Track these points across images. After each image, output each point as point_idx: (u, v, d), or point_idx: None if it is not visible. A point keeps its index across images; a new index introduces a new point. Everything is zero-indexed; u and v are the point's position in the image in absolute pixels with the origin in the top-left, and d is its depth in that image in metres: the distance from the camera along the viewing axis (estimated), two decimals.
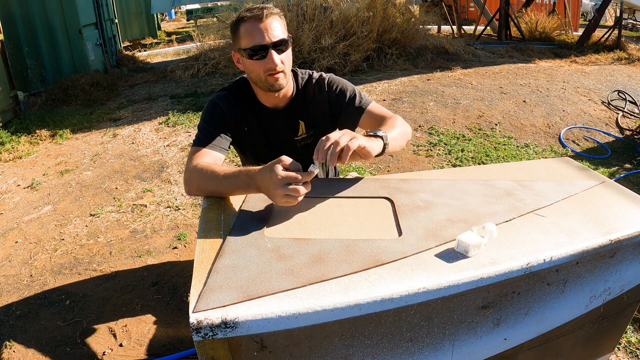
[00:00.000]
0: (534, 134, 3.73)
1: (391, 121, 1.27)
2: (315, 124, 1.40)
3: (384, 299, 0.73)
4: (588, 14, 12.92)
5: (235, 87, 1.37)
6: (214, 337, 0.67)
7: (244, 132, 1.37)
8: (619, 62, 6.17)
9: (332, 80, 1.39)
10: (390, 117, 1.31)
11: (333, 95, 1.37)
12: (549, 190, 1.08)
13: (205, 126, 1.30)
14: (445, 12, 8.55)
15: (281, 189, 0.91)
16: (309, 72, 1.42)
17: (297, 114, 1.38)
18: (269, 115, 1.36)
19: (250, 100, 1.35)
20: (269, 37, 1.18)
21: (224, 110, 1.32)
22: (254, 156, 1.43)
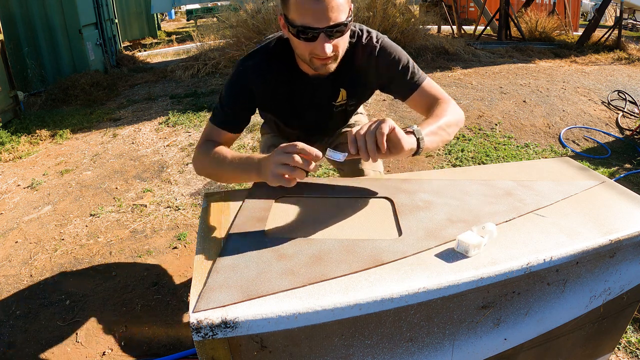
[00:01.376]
0: (534, 134, 3.73)
1: (441, 108, 1.13)
2: (359, 93, 1.29)
3: (384, 299, 0.73)
4: (588, 14, 12.92)
5: (273, 48, 1.18)
6: (214, 337, 0.67)
7: (271, 100, 1.22)
8: (619, 62, 6.17)
9: (384, 46, 1.20)
10: (442, 102, 1.16)
11: (383, 64, 1.19)
12: (549, 190, 1.08)
13: (225, 100, 1.17)
14: (445, 12, 8.55)
15: (275, 166, 0.90)
16: (358, 32, 1.20)
17: (340, 82, 1.23)
18: (308, 83, 1.20)
19: (287, 65, 1.18)
20: (323, 20, 0.98)
21: (249, 82, 1.16)
22: (280, 118, 1.35)
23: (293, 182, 0.92)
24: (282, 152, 0.91)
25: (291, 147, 0.91)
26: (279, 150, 0.92)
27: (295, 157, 0.89)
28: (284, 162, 0.90)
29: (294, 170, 0.90)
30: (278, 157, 0.91)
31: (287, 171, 0.90)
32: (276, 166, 0.91)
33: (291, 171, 0.90)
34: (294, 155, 0.89)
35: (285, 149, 0.91)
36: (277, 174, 0.91)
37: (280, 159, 0.91)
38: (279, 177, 0.91)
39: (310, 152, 0.90)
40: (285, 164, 0.90)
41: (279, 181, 0.92)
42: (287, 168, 0.90)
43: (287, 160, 0.90)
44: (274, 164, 0.91)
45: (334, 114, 1.32)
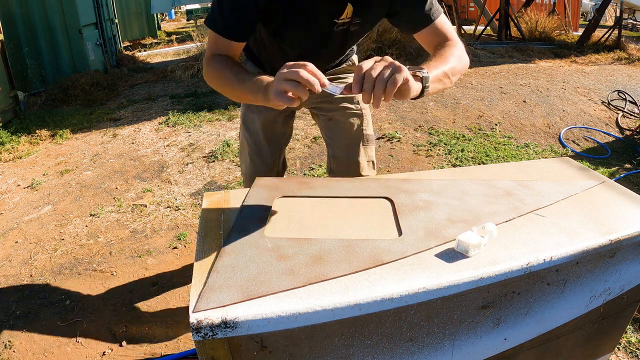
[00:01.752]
0: (534, 134, 3.73)
1: (451, 51, 1.08)
2: (366, 13, 1.18)
3: (384, 299, 0.73)
4: (588, 14, 12.92)
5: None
6: (214, 337, 0.67)
7: (272, 7, 1.13)
8: (619, 62, 6.17)
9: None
10: (452, 44, 1.12)
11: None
12: (549, 190, 1.08)
13: (225, 2, 1.06)
14: (445, 12, 8.54)
15: (278, 82, 0.85)
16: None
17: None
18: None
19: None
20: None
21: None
22: (276, 34, 1.24)
23: (296, 102, 0.86)
24: (288, 68, 0.85)
25: (298, 64, 0.85)
26: (285, 68, 0.86)
27: (301, 72, 0.83)
28: (289, 78, 0.84)
29: (298, 87, 0.83)
30: (283, 73, 0.85)
31: (290, 87, 0.84)
32: (280, 82, 0.85)
33: (295, 87, 0.83)
34: (300, 70, 0.83)
35: (292, 66, 0.85)
36: (280, 90, 0.85)
37: (285, 74, 0.85)
38: (281, 94, 0.85)
39: (317, 72, 0.85)
40: (290, 80, 0.84)
41: (281, 99, 0.86)
42: (292, 84, 0.84)
43: (292, 75, 0.83)
44: (277, 81, 0.86)
45: (333, 34, 1.21)
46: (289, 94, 0.85)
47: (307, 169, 3.17)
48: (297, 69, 0.83)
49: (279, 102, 0.87)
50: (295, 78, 0.83)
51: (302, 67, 0.84)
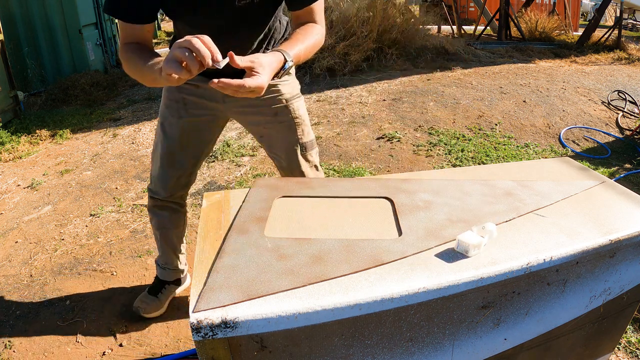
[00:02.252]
0: (534, 134, 3.73)
1: (317, 30, 1.18)
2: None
3: (384, 299, 0.73)
4: (588, 14, 12.93)
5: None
6: (214, 337, 0.67)
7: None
8: (619, 62, 6.17)
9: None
10: (317, 24, 1.21)
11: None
12: (549, 190, 1.08)
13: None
14: (445, 12, 8.55)
15: (165, 62, 0.86)
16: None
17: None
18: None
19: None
20: None
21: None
22: (176, 14, 1.21)
23: (185, 73, 0.86)
24: (176, 47, 0.86)
25: (196, 36, 0.85)
26: (174, 46, 0.87)
27: (193, 41, 0.84)
28: (182, 46, 0.85)
29: (189, 56, 0.84)
30: (178, 42, 0.86)
31: (181, 54, 0.84)
32: (173, 50, 0.86)
33: (184, 55, 0.84)
34: (193, 39, 0.84)
35: (180, 43, 0.86)
36: (171, 57, 0.86)
37: (179, 43, 0.85)
38: (171, 62, 0.86)
39: (211, 45, 0.85)
40: (182, 47, 0.85)
41: (170, 66, 0.86)
42: (183, 51, 0.85)
43: (185, 43, 0.84)
44: (171, 49, 0.86)
45: (235, 11, 1.17)
46: (174, 75, 0.85)
47: None
48: (192, 38, 0.84)
49: (168, 70, 0.85)
50: (187, 46, 0.84)
51: (198, 38, 0.84)
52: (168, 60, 0.86)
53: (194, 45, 0.83)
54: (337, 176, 3.03)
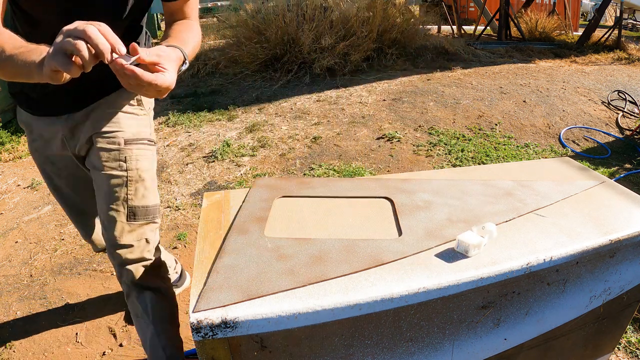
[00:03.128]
0: (534, 134, 3.73)
1: (193, 27, 1.05)
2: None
3: (384, 299, 0.73)
4: (588, 14, 12.92)
5: None
6: (214, 336, 0.67)
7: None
8: (619, 62, 6.17)
9: None
10: (194, 22, 1.08)
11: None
12: (549, 190, 1.08)
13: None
14: (445, 12, 8.55)
15: (49, 56, 0.68)
16: None
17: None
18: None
19: None
20: None
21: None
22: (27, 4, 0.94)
23: (76, 69, 0.69)
24: (65, 36, 0.67)
25: (77, 30, 0.67)
26: (72, 25, 0.68)
27: (89, 29, 0.66)
28: (74, 34, 0.67)
29: (82, 47, 0.66)
30: (68, 30, 0.68)
31: (72, 46, 0.66)
32: (62, 39, 0.67)
33: (77, 46, 0.66)
34: (89, 27, 0.67)
35: (70, 32, 0.67)
36: (59, 48, 0.67)
37: (70, 31, 0.67)
38: (58, 54, 0.67)
39: (111, 34, 0.69)
40: (75, 37, 0.67)
41: (57, 60, 0.67)
42: (74, 43, 0.66)
43: (78, 32, 0.67)
44: (59, 38, 0.68)
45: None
46: (71, 57, 0.67)
47: (307, 169, 3.17)
48: (86, 25, 0.67)
49: (54, 64, 0.67)
50: (80, 35, 0.66)
51: (94, 26, 0.68)
52: (55, 53, 0.67)
53: (90, 34, 0.66)
54: (337, 176, 3.03)
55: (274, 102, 4.43)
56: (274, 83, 4.95)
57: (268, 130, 3.75)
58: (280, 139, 3.58)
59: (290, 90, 4.76)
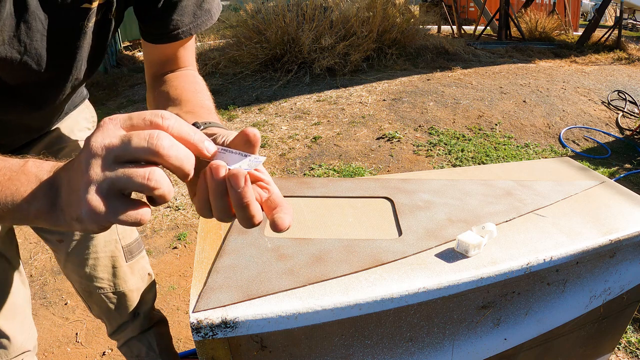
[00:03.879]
0: (534, 134, 3.73)
1: (196, 79, 0.75)
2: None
3: (384, 299, 0.73)
4: (588, 14, 12.92)
5: None
6: (214, 336, 0.67)
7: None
8: (619, 62, 6.17)
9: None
10: (195, 71, 0.79)
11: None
12: (549, 190, 1.08)
13: None
14: (445, 12, 8.55)
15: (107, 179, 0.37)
16: None
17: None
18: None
19: None
20: None
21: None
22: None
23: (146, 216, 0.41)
24: (110, 155, 0.37)
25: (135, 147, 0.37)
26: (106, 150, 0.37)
27: (160, 143, 0.37)
28: (117, 187, 0.38)
29: (159, 181, 0.39)
30: (100, 180, 0.37)
31: (121, 216, 0.39)
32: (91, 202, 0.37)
33: (155, 182, 0.39)
34: (150, 173, 0.38)
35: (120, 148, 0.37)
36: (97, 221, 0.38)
37: (105, 184, 0.37)
38: (119, 207, 0.39)
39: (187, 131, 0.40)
40: (117, 192, 0.39)
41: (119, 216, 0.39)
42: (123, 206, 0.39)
43: (130, 185, 0.38)
44: (88, 194, 0.37)
45: (85, 28, 0.64)
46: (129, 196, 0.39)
47: (307, 169, 3.16)
48: (155, 136, 0.37)
49: (103, 220, 0.38)
50: (150, 155, 0.37)
51: (165, 128, 0.39)
52: (102, 195, 0.37)
53: (166, 151, 0.38)
54: (337, 176, 3.03)
55: (274, 102, 4.43)
56: (274, 83, 4.95)
57: (268, 130, 3.75)
58: (280, 139, 3.58)
59: (290, 90, 4.76)
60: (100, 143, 0.37)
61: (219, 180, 0.41)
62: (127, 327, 1.12)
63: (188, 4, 0.70)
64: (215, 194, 0.42)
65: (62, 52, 0.64)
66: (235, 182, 0.41)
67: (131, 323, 1.12)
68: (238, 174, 0.41)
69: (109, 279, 1.02)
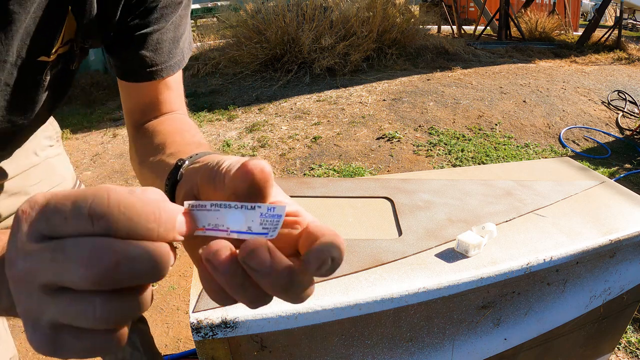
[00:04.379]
0: (534, 134, 3.73)
1: (189, 124, 0.62)
2: (93, 24, 0.55)
3: (384, 299, 0.73)
4: (588, 14, 12.92)
5: None
6: (214, 336, 0.67)
7: None
8: (619, 62, 6.17)
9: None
10: (185, 115, 0.67)
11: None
12: (549, 190, 1.08)
13: None
14: (445, 12, 8.55)
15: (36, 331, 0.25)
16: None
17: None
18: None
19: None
20: None
21: None
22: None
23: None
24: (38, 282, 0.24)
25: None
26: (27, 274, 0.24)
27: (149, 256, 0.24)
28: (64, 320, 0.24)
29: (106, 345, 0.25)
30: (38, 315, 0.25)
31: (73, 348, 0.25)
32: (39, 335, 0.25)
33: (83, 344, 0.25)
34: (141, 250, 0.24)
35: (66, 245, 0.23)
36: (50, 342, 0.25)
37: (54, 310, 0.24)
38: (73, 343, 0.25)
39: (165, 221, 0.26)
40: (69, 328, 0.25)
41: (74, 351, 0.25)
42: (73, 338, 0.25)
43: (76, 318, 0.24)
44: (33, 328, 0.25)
45: (42, 82, 0.56)
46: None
47: (307, 169, 3.16)
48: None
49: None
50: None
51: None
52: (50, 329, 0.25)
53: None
54: (337, 176, 3.03)
55: (274, 102, 4.43)
56: (274, 83, 4.95)
57: (268, 130, 3.75)
58: (280, 139, 3.58)
59: (290, 90, 4.76)
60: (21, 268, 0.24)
61: (227, 268, 0.26)
62: None
63: (165, 39, 0.61)
64: (232, 286, 0.27)
65: (19, 106, 0.56)
66: (257, 263, 0.26)
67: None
68: (255, 251, 0.26)
69: None
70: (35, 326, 0.25)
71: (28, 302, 0.24)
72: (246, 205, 0.27)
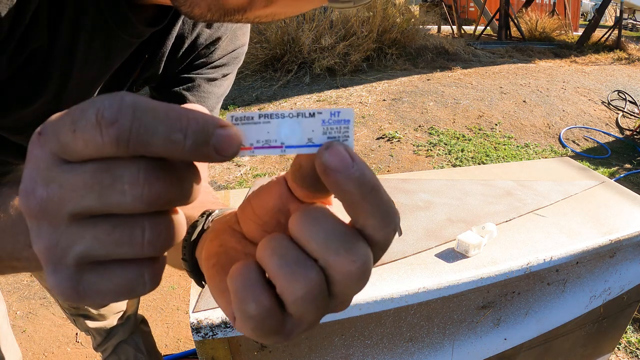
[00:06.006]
0: (534, 134, 3.73)
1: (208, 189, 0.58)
2: (154, 73, 0.61)
3: (384, 299, 0.73)
4: (588, 14, 12.93)
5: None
6: (214, 336, 0.67)
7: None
8: (619, 62, 6.17)
9: (237, 33, 0.65)
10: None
11: (207, 45, 0.62)
12: (549, 190, 1.08)
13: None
14: (445, 12, 8.55)
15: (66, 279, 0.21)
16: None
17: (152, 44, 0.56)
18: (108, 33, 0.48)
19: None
20: None
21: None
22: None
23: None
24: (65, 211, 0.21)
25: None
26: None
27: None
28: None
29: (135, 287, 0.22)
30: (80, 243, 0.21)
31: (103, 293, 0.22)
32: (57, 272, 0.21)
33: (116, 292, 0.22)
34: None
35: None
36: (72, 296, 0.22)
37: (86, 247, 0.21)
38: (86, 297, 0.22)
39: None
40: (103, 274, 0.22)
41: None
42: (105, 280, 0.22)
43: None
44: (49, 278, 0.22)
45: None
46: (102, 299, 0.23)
47: None
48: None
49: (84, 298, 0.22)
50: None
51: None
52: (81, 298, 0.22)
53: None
54: None
55: (274, 102, 4.43)
56: (274, 83, 4.95)
57: None
58: None
59: (290, 90, 4.76)
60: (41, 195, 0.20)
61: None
62: (117, 331, 1.12)
63: (212, 91, 0.64)
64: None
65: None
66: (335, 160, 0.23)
67: (121, 327, 1.12)
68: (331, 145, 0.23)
69: None
70: (57, 267, 0.21)
71: (52, 237, 0.21)
72: (303, 112, 0.23)
